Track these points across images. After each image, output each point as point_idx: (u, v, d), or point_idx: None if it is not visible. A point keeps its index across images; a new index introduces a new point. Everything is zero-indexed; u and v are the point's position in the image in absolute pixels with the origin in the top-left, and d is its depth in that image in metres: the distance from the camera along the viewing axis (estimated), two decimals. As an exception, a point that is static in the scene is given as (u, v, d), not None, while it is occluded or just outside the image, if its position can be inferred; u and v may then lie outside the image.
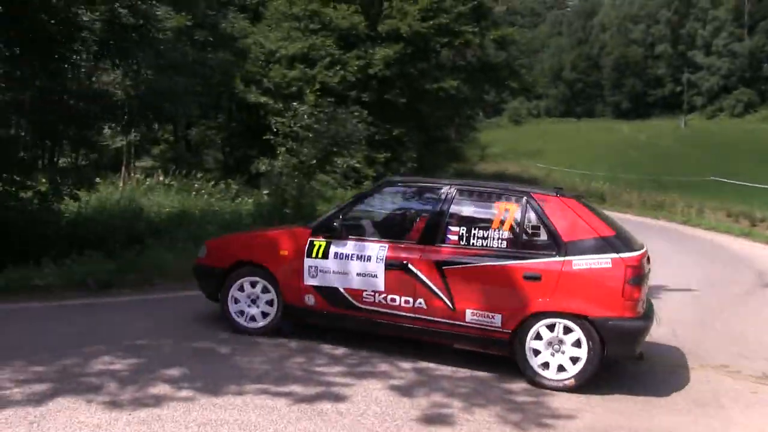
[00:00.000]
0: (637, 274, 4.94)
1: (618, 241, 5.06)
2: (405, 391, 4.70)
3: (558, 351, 5.01)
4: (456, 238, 5.27)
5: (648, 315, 5.20)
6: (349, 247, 5.49)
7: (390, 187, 6.23)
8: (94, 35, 9.14)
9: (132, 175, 19.10)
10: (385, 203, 6.22)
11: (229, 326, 5.84)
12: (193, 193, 15.72)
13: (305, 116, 17.13)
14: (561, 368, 5.00)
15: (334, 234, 5.56)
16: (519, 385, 5.00)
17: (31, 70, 8.87)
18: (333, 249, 5.52)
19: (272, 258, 5.73)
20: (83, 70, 9.40)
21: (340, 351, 5.55)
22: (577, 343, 4.96)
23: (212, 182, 18.03)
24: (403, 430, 4.02)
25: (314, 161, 15.81)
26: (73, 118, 9.17)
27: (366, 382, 4.82)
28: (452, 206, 5.39)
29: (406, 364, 5.28)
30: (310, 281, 5.57)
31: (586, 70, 77.95)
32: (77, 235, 8.99)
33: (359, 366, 5.22)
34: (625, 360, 5.47)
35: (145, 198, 13.09)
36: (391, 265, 5.32)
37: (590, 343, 4.90)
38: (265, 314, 5.80)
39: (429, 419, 4.21)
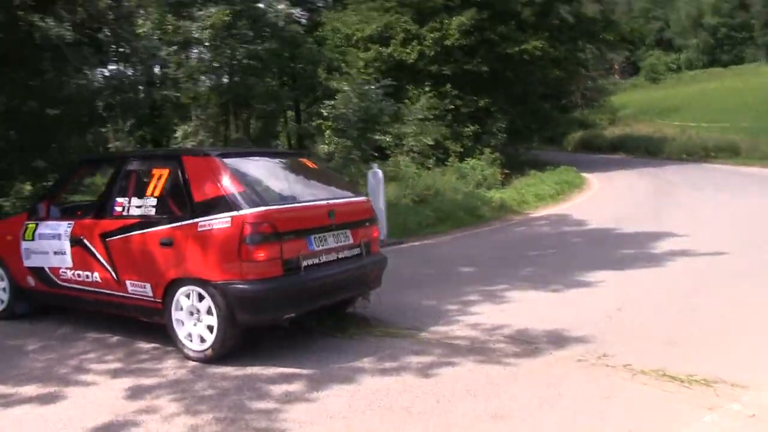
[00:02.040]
0: (257, 231, 4.57)
1: (244, 198, 4.67)
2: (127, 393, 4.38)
3: (198, 320, 4.82)
4: (120, 209, 5.27)
5: (300, 280, 4.77)
6: (48, 227, 5.68)
7: (85, 165, 6.84)
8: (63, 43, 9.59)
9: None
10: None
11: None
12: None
13: (351, 95, 16.87)
14: (202, 339, 4.82)
15: (39, 216, 5.80)
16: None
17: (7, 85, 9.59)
18: (38, 230, 5.75)
19: (1, 244, 6.05)
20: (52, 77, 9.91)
21: (141, 346, 5.33)
22: (210, 311, 4.74)
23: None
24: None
25: (349, 142, 15.56)
26: (46, 125, 9.74)
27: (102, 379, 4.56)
28: (122, 177, 5.45)
29: (177, 362, 4.89)
30: (27, 263, 5.83)
31: (730, 12, 64.87)
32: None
33: (125, 359, 4.99)
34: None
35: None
36: (73, 241, 5.45)
37: (218, 309, 4.68)
38: (2, 300, 6.19)
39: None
